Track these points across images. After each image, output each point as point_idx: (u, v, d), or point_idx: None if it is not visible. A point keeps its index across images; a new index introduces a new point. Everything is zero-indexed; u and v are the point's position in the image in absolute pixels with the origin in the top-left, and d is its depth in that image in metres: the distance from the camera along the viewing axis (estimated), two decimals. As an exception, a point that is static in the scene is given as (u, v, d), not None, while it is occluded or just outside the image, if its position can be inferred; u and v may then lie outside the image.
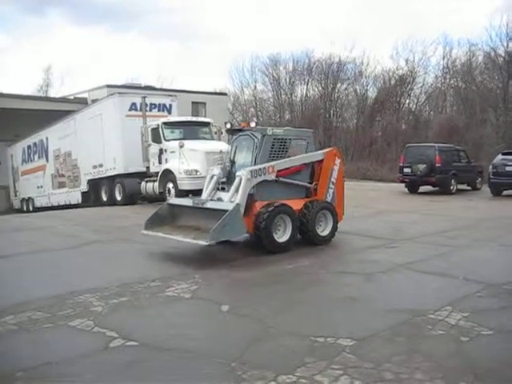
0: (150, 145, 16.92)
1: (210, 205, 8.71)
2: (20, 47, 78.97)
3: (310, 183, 9.51)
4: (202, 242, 7.84)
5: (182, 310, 5.76)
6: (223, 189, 9.28)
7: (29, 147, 26.63)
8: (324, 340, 4.67)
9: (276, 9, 74.66)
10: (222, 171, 9.48)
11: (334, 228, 9.37)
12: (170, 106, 19.50)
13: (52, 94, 48.37)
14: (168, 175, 15.90)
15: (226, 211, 7.88)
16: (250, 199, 8.67)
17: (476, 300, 5.96)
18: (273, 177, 8.83)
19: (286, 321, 5.24)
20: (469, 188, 21.88)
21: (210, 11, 77.70)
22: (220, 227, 7.68)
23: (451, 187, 20.19)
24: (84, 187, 20.76)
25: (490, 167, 19.52)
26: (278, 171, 8.92)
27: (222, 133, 16.81)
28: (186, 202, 9.24)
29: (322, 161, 9.67)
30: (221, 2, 77.43)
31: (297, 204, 8.96)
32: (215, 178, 9.46)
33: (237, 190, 8.50)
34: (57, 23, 75.66)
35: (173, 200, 10.09)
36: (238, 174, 8.74)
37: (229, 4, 77.13)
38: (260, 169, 8.72)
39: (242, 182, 8.47)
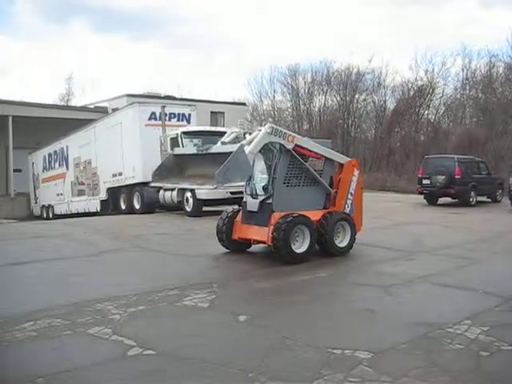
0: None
1: (214, 149, 8.58)
2: (43, 56, 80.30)
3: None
4: (209, 187, 7.85)
5: (199, 319, 5.76)
6: None
7: (49, 155, 26.98)
8: (341, 352, 4.65)
9: (295, 19, 74.90)
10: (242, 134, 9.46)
11: (352, 239, 9.33)
12: (189, 115, 19.63)
13: (73, 102, 48.94)
14: (186, 184, 15.97)
15: (230, 153, 7.77)
16: (268, 210, 8.69)
17: (496, 314, 5.89)
18: (290, 146, 8.75)
19: (303, 332, 5.22)
20: (489, 200, 21.65)
21: (230, 21, 78.27)
22: (225, 169, 7.55)
23: (471, 199, 20.00)
24: (103, 195, 20.94)
25: (511, 179, 19.30)
26: (297, 146, 8.89)
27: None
28: (191, 150, 9.17)
29: (340, 171, 9.68)
30: (241, 13, 77.93)
31: (315, 215, 8.95)
32: (234, 134, 9.44)
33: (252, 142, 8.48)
34: (79, 32, 76.74)
35: (177, 150, 9.97)
36: (259, 128, 8.68)
37: (249, 14, 77.57)
38: (282, 131, 8.72)
39: (261, 133, 8.47)
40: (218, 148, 8.58)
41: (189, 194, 15.86)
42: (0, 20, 74.30)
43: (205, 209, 16.02)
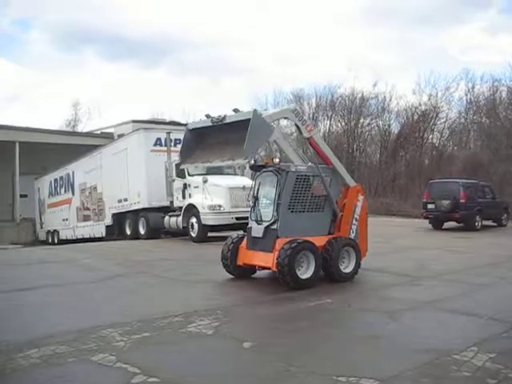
0: (174, 180, 17.12)
1: (228, 119, 8.73)
2: (51, 82, 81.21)
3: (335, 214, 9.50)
4: (241, 161, 8.24)
5: (204, 346, 5.73)
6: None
7: (55, 180, 27.15)
8: (346, 380, 4.61)
9: (300, 44, 75.72)
10: None
11: (357, 265, 9.29)
12: (194, 141, 19.72)
13: (79, 128, 49.43)
14: (191, 210, 16.02)
15: (247, 120, 7.94)
16: (273, 235, 8.70)
17: (503, 340, 5.83)
18: (307, 135, 9.11)
19: (308, 359, 5.19)
20: (494, 224, 21.60)
21: (235, 47, 79.27)
22: (250, 141, 7.78)
23: (476, 223, 19.95)
24: (108, 221, 20.99)
25: (516, 203, 19.30)
26: (312, 139, 9.20)
27: (245, 168, 16.92)
28: (205, 122, 9.22)
29: (345, 196, 9.70)
30: (246, 38, 78.73)
31: (320, 240, 8.93)
32: None
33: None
34: (90, 59, 77.82)
35: (191, 125, 10.01)
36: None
37: (254, 39, 78.41)
38: (303, 118, 9.25)
39: (284, 107, 8.69)
40: (232, 117, 8.72)
41: (194, 220, 15.89)
42: (11, 48, 75.50)
43: (210, 234, 16.04)
